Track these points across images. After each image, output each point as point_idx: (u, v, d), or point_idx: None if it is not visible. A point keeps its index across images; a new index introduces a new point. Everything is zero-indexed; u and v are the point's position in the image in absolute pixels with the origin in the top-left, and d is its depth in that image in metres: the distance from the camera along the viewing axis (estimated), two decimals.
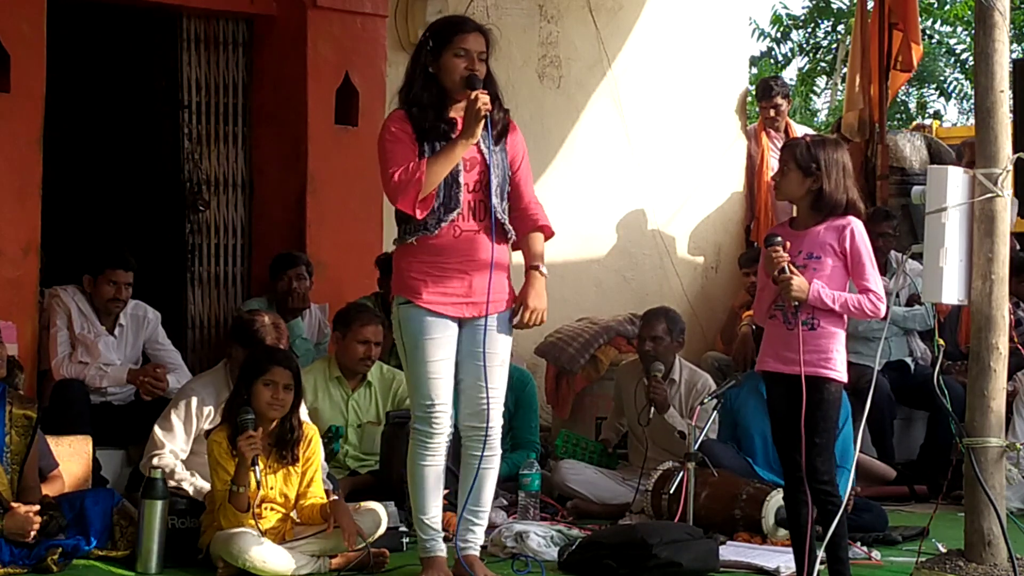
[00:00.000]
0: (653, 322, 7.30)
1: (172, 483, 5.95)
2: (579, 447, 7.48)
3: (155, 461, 5.99)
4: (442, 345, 5.10)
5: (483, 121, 5.00)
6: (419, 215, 5.02)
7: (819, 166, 4.85)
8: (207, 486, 5.97)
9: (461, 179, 5.07)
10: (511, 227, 5.21)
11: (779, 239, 4.84)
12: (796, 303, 4.79)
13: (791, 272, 4.79)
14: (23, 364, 6.76)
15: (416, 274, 5.08)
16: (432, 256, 5.08)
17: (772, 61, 20.03)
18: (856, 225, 4.87)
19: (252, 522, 5.43)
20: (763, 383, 6.79)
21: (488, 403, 5.16)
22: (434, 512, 5.18)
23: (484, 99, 4.99)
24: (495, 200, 5.11)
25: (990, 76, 4.96)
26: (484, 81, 5.09)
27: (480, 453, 5.17)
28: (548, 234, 5.32)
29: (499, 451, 5.27)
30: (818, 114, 20.72)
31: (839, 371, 4.84)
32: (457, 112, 5.09)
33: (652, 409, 6.99)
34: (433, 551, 5.20)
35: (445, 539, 5.77)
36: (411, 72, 5.19)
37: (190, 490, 5.96)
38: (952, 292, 4.96)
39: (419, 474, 5.15)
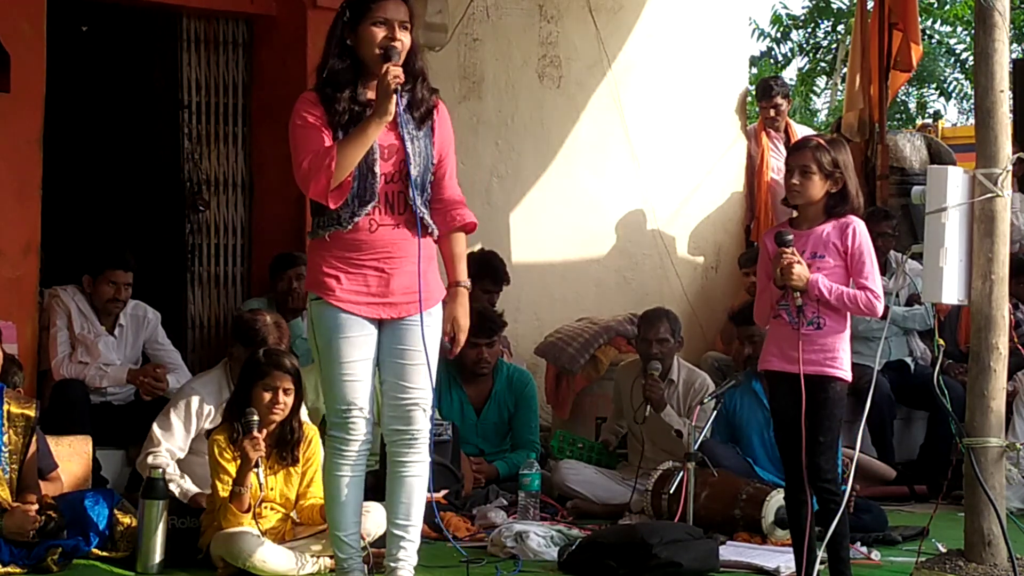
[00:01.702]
0: (656, 324, 7.26)
1: None
2: (575, 447, 7.47)
3: (149, 459, 5.98)
4: (358, 345, 4.67)
5: (394, 96, 4.53)
6: (332, 205, 4.59)
7: (840, 169, 4.87)
8: (195, 488, 5.99)
9: (378, 169, 4.64)
10: (431, 222, 4.75)
11: (790, 238, 4.84)
12: (799, 304, 4.80)
13: (796, 260, 4.80)
14: (23, 364, 6.76)
15: (329, 269, 4.65)
16: (346, 252, 4.65)
17: (772, 61, 20.05)
18: (859, 225, 4.89)
19: (252, 522, 5.44)
20: (757, 382, 6.86)
21: (411, 403, 4.73)
22: (353, 529, 4.79)
23: (396, 71, 4.53)
24: (414, 192, 4.65)
25: (990, 76, 4.96)
26: (408, 54, 4.65)
27: (406, 459, 4.75)
28: (470, 230, 4.87)
29: (428, 458, 4.80)
30: (818, 114, 20.74)
31: (844, 370, 4.85)
32: (375, 90, 4.64)
33: (648, 407, 6.98)
34: (351, 571, 4.81)
35: (444, 539, 5.75)
36: (327, 47, 4.71)
37: (176, 491, 5.93)
38: (952, 292, 4.96)
39: (335, 486, 4.74)
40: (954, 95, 19.94)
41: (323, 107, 4.66)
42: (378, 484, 6.67)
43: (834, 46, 19.88)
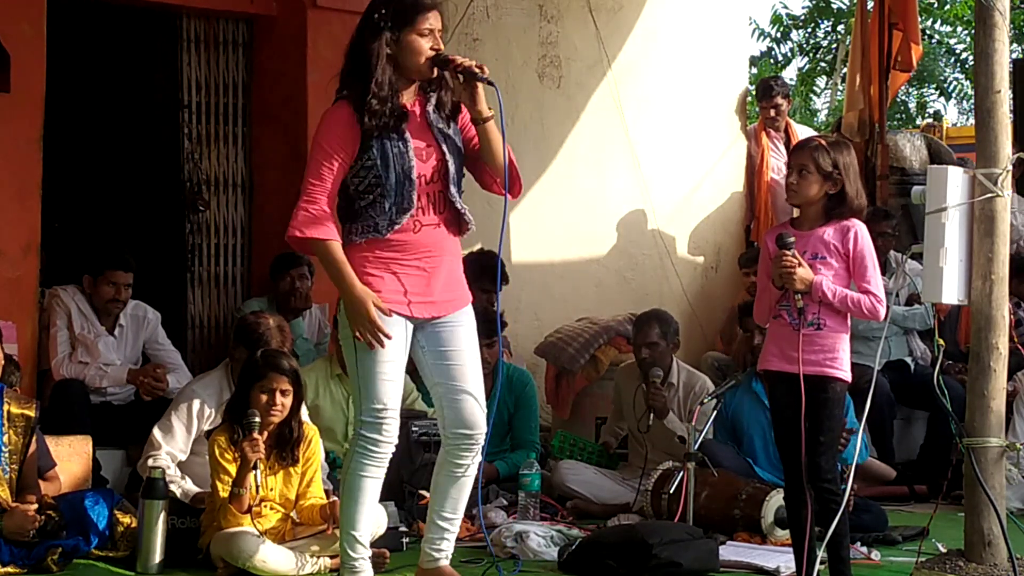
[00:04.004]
0: (646, 328, 7.24)
1: None
2: (576, 447, 7.46)
3: (150, 463, 5.98)
4: (395, 346, 4.71)
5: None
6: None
7: (839, 171, 4.86)
8: (196, 489, 5.99)
9: (414, 175, 4.68)
10: (470, 216, 4.83)
11: (792, 240, 4.84)
12: (800, 305, 4.80)
13: (797, 262, 4.80)
14: (23, 364, 6.76)
15: (372, 270, 4.72)
16: (390, 253, 4.72)
17: (772, 61, 20.07)
18: (860, 228, 4.88)
19: (251, 522, 5.44)
20: (758, 383, 6.86)
21: (473, 403, 4.80)
22: (364, 528, 4.81)
23: (485, 75, 4.65)
24: (453, 189, 4.76)
25: (990, 76, 4.96)
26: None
27: (465, 462, 4.81)
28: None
29: (481, 456, 4.88)
30: (818, 114, 20.76)
31: (844, 370, 4.84)
32: (409, 97, 4.75)
33: (652, 415, 6.97)
34: (362, 571, 4.82)
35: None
36: (371, 56, 4.68)
37: (177, 492, 5.93)
38: (952, 292, 4.96)
39: (359, 486, 4.74)
40: (954, 95, 19.98)
41: (358, 121, 4.68)
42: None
43: (834, 46, 19.90)
